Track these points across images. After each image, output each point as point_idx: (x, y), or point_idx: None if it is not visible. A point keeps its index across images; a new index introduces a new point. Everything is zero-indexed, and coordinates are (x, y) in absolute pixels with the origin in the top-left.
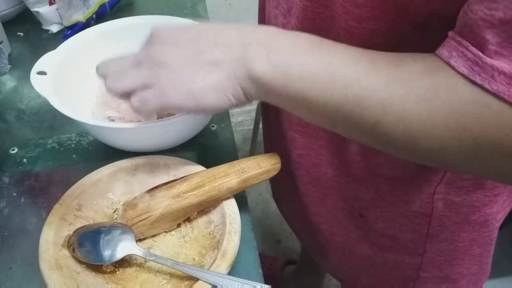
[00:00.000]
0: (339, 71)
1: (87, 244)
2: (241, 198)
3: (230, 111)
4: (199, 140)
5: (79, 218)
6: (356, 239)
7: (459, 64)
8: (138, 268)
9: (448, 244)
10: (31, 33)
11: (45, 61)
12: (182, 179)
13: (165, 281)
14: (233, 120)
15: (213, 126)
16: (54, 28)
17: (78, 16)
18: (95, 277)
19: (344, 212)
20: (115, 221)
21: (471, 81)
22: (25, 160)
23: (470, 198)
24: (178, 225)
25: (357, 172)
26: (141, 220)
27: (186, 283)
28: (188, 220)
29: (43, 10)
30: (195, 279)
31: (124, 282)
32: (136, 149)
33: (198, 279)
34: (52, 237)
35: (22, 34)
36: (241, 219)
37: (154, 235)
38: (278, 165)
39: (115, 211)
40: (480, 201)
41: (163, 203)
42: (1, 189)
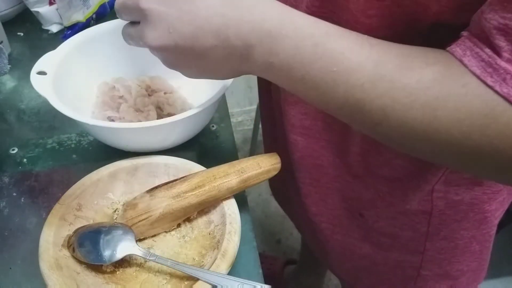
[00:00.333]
0: (342, 76)
1: (87, 244)
2: (241, 198)
3: (230, 111)
4: (199, 140)
5: (79, 218)
6: (357, 238)
7: (472, 63)
8: (138, 268)
9: (448, 242)
10: (31, 33)
11: (45, 61)
12: (182, 179)
13: (165, 281)
14: (233, 120)
15: (213, 126)
16: (54, 28)
17: (78, 16)
18: (95, 277)
19: (345, 212)
20: (115, 221)
21: (482, 82)
22: (25, 160)
23: (469, 195)
24: (178, 225)
25: (358, 172)
26: (141, 220)
27: (186, 283)
28: (188, 220)
29: (43, 10)
30: (195, 279)
31: (124, 282)
32: (136, 149)
33: (198, 279)
34: (52, 237)
35: (22, 34)
36: (241, 219)
37: (154, 235)
38: (278, 165)
39: (115, 211)
40: (479, 199)
41: (163, 203)
42: (1, 189)
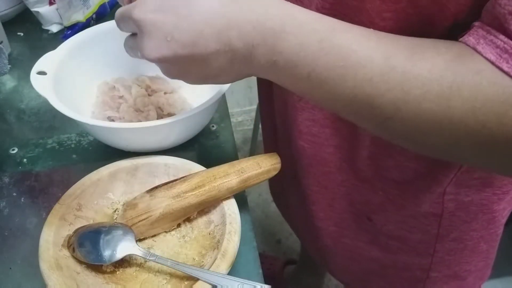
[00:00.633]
0: (350, 71)
1: (87, 244)
2: (241, 198)
3: (230, 111)
4: (199, 140)
5: (79, 218)
6: (365, 241)
7: (486, 50)
8: (138, 268)
9: (458, 243)
10: (31, 33)
11: (45, 61)
12: (182, 179)
13: (165, 281)
14: (233, 120)
15: (213, 126)
16: (54, 28)
17: (78, 16)
18: (95, 277)
19: (352, 216)
20: (115, 221)
21: (497, 68)
22: (25, 160)
23: (479, 196)
24: (178, 225)
25: (366, 176)
26: (141, 220)
27: (186, 283)
28: (188, 220)
29: (43, 10)
30: (195, 279)
31: (124, 282)
32: (136, 149)
33: (198, 279)
34: (52, 237)
35: (22, 34)
36: (241, 219)
37: (154, 235)
38: (278, 165)
39: (115, 211)
40: (489, 199)
41: (163, 203)
42: (1, 189)
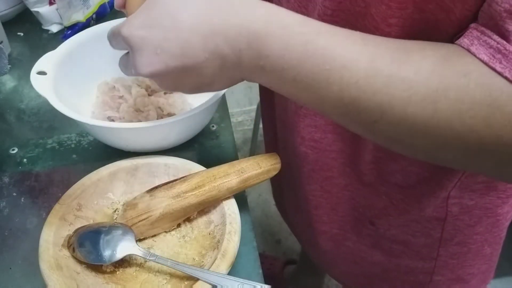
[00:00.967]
0: (335, 74)
1: (87, 244)
2: (241, 198)
3: (230, 111)
4: (199, 140)
5: (79, 218)
6: (368, 245)
7: (480, 51)
8: (138, 268)
9: (461, 247)
10: (31, 33)
11: (45, 61)
12: (182, 179)
13: (165, 281)
14: (233, 120)
15: (213, 126)
16: (54, 28)
17: (78, 16)
18: (95, 277)
19: (355, 220)
20: (115, 221)
21: (491, 68)
22: (25, 160)
23: (483, 200)
24: (178, 225)
25: (369, 180)
26: (141, 220)
27: (186, 283)
28: (188, 220)
29: (43, 10)
30: (195, 279)
31: (124, 282)
32: (136, 149)
33: (198, 279)
34: (52, 237)
35: (22, 34)
36: (241, 219)
37: (154, 235)
38: (278, 165)
39: (115, 211)
40: (493, 203)
41: (163, 203)
42: (1, 189)
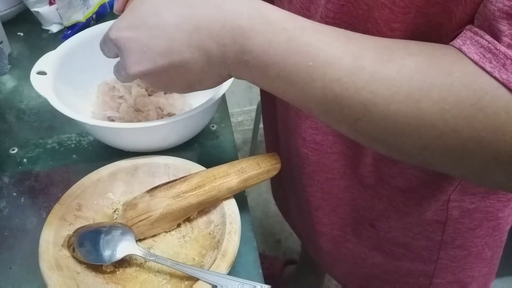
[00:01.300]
0: (318, 71)
1: (87, 244)
2: (241, 198)
3: (230, 111)
4: (199, 140)
5: (79, 218)
6: (368, 247)
7: (471, 50)
8: (138, 268)
9: (462, 250)
10: (31, 33)
11: (45, 61)
12: (182, 179)
13: (165, 281)
14: (233, 120)
15: (213, 126)
16: (54, 28)
17: (78, 16)
18: (95, 277)
19: (356, 222)
20: (115, 221)
21: (480, 68)
22: (25, 160)
23: (484, 204)
24: (178, 225)
25: (370, 182)
26: (141, 220)
27: (186, 283)
28: (188, 220)
29: (43, 10)
30: (195, 279)
31: (124, 282)
32: (136, 149)
33: (198, 279)
34: (52, 237)
35: (22, 34)
36: (241, 219)
37: (154, 235)
38: (278, 165)
39: (115, 211)
40: (493, 206)
41: (163, 203)
42: (1, 189)
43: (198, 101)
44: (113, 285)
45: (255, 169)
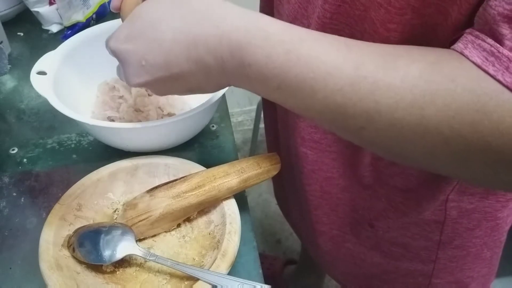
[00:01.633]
0: (319, 82)
1: (87, 244)
2: (241, 198)
3: (230, 111)
4: (199, 140)
5: (79, 218)
6: (367, 247)
7: (473, 54)
8: (138, 268)
9: (460, 250)
10: (31, 33)
11: (45, 61)
12: (182, 179)
13: (165, 281)
14: (233, 120)
15: (213, 126)
16: (54, 28)
17: (78, 16)
18: (95, 277)
19: (355, 222)
20: (115, 221)
21: (483, 72)
22: (25, 160)
23: (483, 204)
24: (178, 225)
25: (369, 182)
26: (141, 220)
27: (186, 283)
28: (188, 220)
29: (43, 10)
30: (195, 279)
31: (124, 282)
32: (136, 149)
33: (198, 279)
34: (52, 237)
35: (22, 34)
36: (241, 219)
37: (154, 235)
38: (278, 165)
39: (115, 211)
40: (492, 207)
41: (163, 203)
42: (1, 189)
43: (198, 101)
44: (113, 285)
45: (255, 169)
